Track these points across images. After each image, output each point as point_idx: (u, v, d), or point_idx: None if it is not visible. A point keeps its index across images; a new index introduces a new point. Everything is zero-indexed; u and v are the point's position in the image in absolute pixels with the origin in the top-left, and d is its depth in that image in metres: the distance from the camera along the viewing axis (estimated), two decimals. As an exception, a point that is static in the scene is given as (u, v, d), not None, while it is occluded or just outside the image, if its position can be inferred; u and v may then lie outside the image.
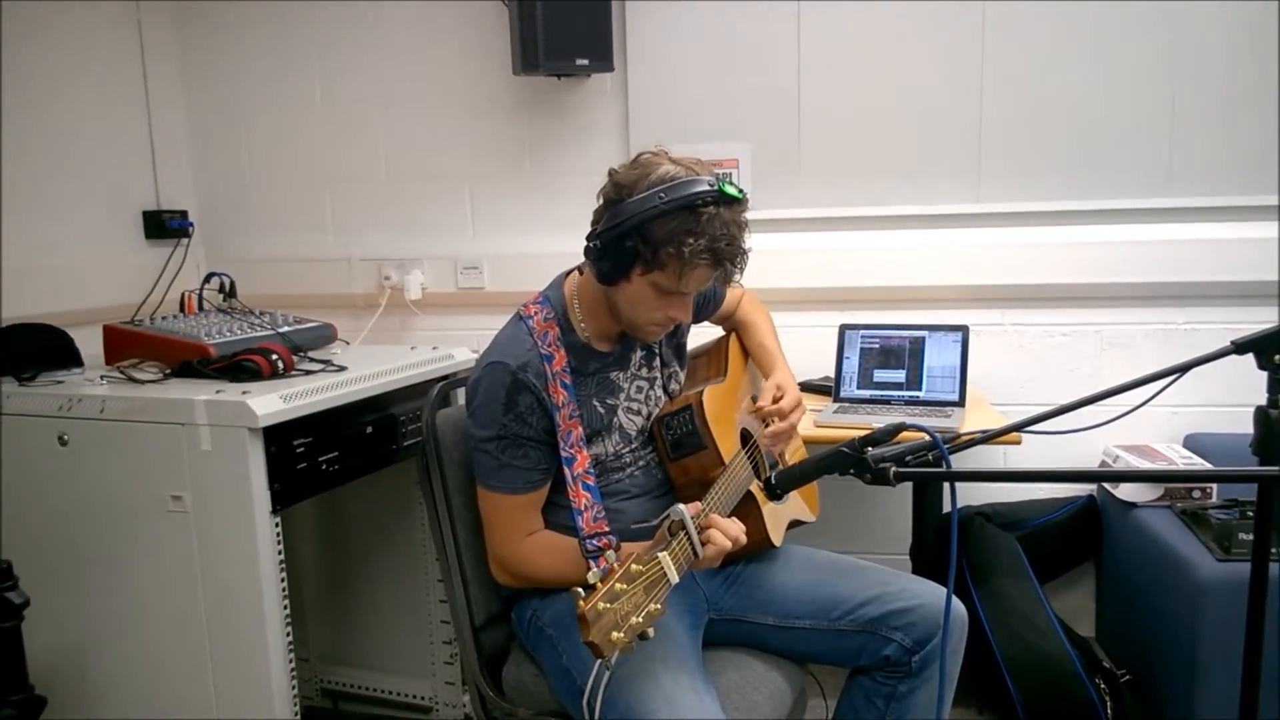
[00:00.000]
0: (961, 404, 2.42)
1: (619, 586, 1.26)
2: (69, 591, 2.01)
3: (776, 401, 1.87)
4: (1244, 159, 2.55)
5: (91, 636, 2.02)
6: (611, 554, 1.31)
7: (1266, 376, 1.35)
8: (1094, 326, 2.71)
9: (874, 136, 2.73)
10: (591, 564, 1.53)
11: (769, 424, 1.88)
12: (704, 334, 2.13)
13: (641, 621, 1.26)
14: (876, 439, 1.32)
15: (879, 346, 2.53)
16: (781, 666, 1.78)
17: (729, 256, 1.57)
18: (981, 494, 2.74)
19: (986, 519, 2.60)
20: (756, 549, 1.80)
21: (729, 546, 1.48)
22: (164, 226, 3.04)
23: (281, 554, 1.89)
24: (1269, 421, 1.35)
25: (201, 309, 2.47)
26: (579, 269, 1.75)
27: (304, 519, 2.70)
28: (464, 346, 2.44)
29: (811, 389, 2.63)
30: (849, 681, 1.81)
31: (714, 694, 1.53)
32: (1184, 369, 1.39)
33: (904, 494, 2.63)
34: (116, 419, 1.91)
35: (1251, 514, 2.15)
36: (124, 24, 2.95)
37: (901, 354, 2.51)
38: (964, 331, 2.47)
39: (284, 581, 1.90)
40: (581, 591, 1.22)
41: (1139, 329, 2.69)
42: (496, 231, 3.01)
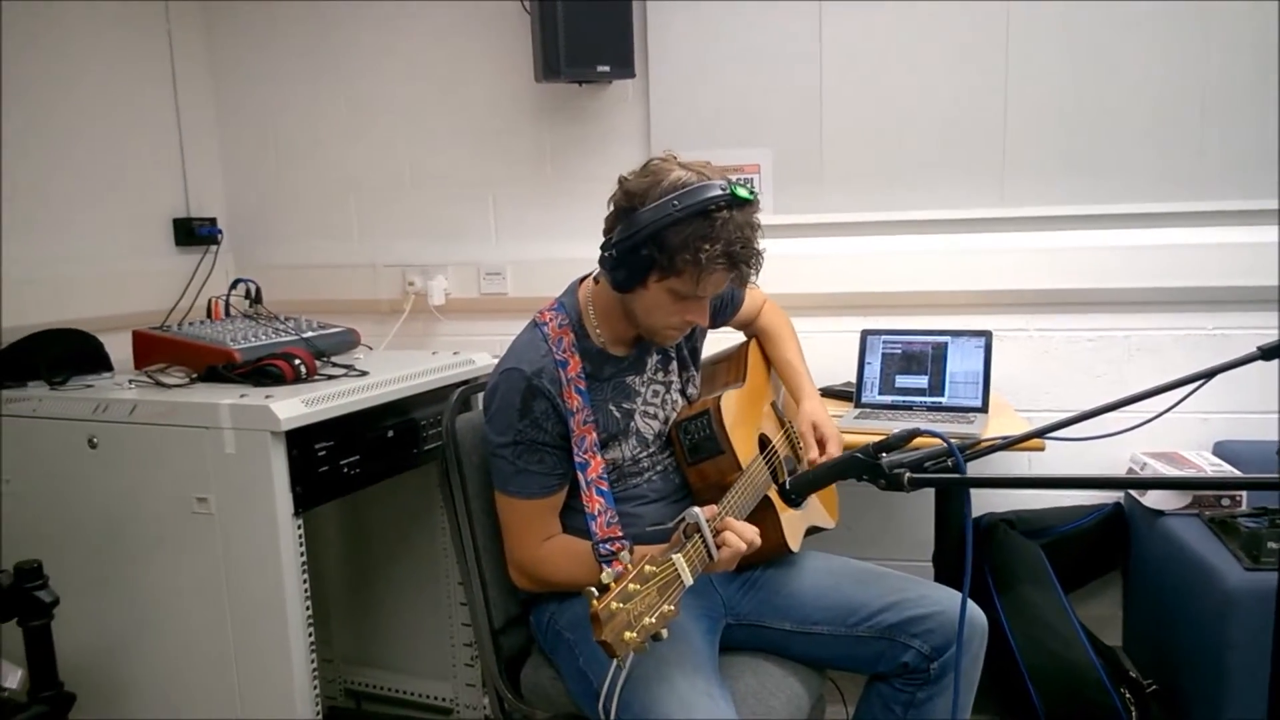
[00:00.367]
0: (984, 410, 2.40)
1: (632, 587, 1.26)
2: (97, 591, 2.04)
3: (820, 442, 1.86)
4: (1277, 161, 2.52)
5: (119, 635, 2.05)
6: (626, 555, 1.31)
7: (1297, 383, 1.33)
8: (1121, 332, 2.68)
9: (896, 141, 2.72)
10: (605, 568, 1.53)
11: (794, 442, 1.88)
12: (725, 339, 2.14)
13: (654, 622, 1.27)
14: (891, 444, 1.32)
15: (901, 352, 2.52)
16: (799, 672, 1.78)
17: (744, 259, 1.57)
18: (1006, 501, 2.71)
19: (1010, 526, 2.57)
20: (774, 554, 1.80)
21: (744, 549, 1.48)
22: (193, 234, 3.08)
23: (304, 556, 1.91)
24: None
25: (228, 315, 2.51)
26: (594, 276, 1.75)
27: (328, 521, 2.73)
28: (485, 352, 2.46)
29: (833, 394, 2.62)
30: (867, 688, 1.81)
31: (729, 698, 1.53)
32: (1209, 375, 1.38)
33: (926, 500, 2.61)
34: (145, 422, 1.94)
35: (1280, 522, 2.12)
36: (154, 36, 3.00)
37: (924, 359, 2.50)
38: (987, 337, 2.45)
39: (306, 583, 1.92)
40: (595, 591, 1.23)
41: (1167, 334, 2.65)
42: (519, 238, 3.03)
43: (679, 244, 1.54)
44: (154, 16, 3.00)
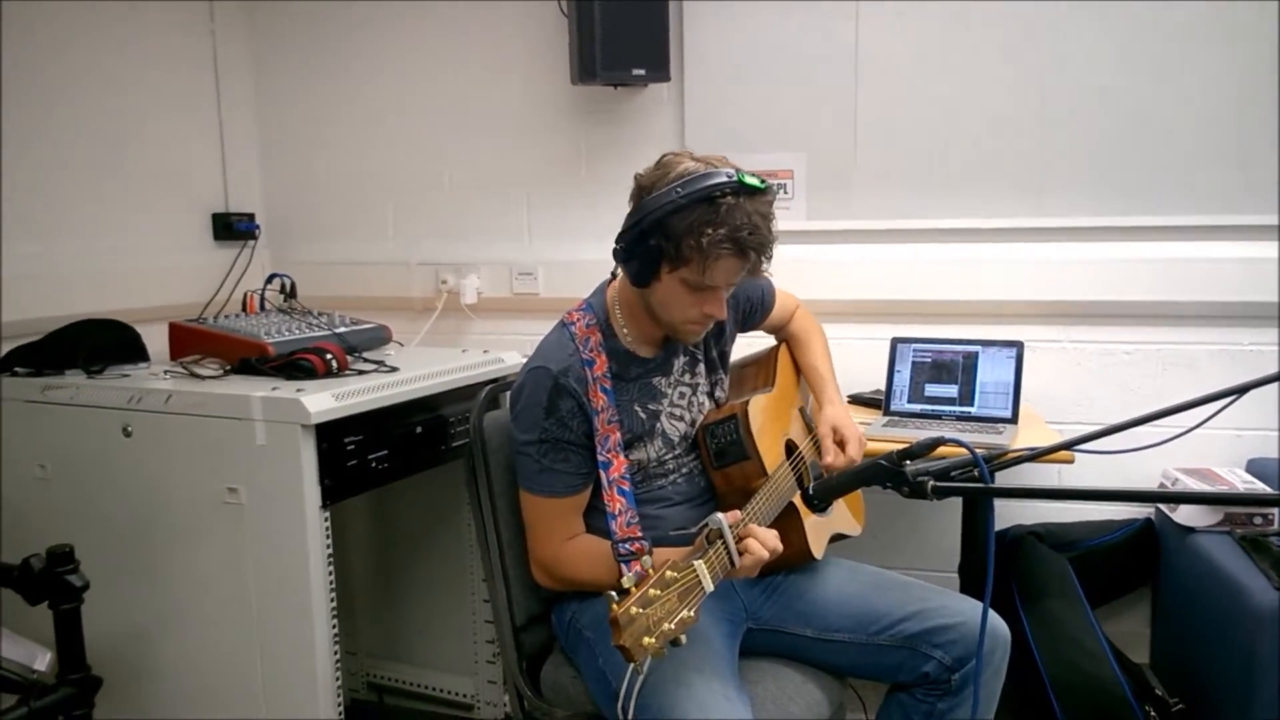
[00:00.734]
0: (1014, 421, 2.38)
1: (653, 592, 1.27)
2: (127, 577, 2.07)
3: (839, 444, 1.85)
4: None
5: (147, 621, 2.09)
6: (647, 559, 1.32)
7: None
8: (1156, 346, 2.65)
9: (931, 148, 2.70)
10: (623, 568, 1.54)
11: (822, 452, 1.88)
12: (756, 343, 2.14)
13: (674, 628, 1.27)
14: (915, 452, 1.32)
15: (931, 361, 2.50)
16: (819, 679, 1.77)
17: (752, 245, 1.55)
18: (1036, 513, 2.69)
19: (1038, 538, 2.55)
20: (797, 561, 1.79)
21: (766, 557, 1.48)
22: (232, 228, 3.13)
23: (330, 548, 1.93)
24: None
25: (263, 309, 2.54)
26: (615, 273, 1.76)
27: (356, 515, 2.75)
28: (515, 351, 2.48)
29: (862, 402, 2.61)
30: (888, 697, 1.80)
31: (747, 701, 1.53)
32: (1242, 390, 1.35)
33: (954, 510, 2.60)
34: (178, 412, 1.97)
35: (1314, 542, 2.09)
36: (199, 36, 3.06)
37: (954, 369, 2.48)
38: (1018, 347, 2.44)
39: (332, 575, 1.94)
40: (615, 596, 1.24)
41: (1203, 349, 2.62)
42: (552, 238, 3.04)
43: (684, 230, 1.54)
44: (199, 17, 3.05)
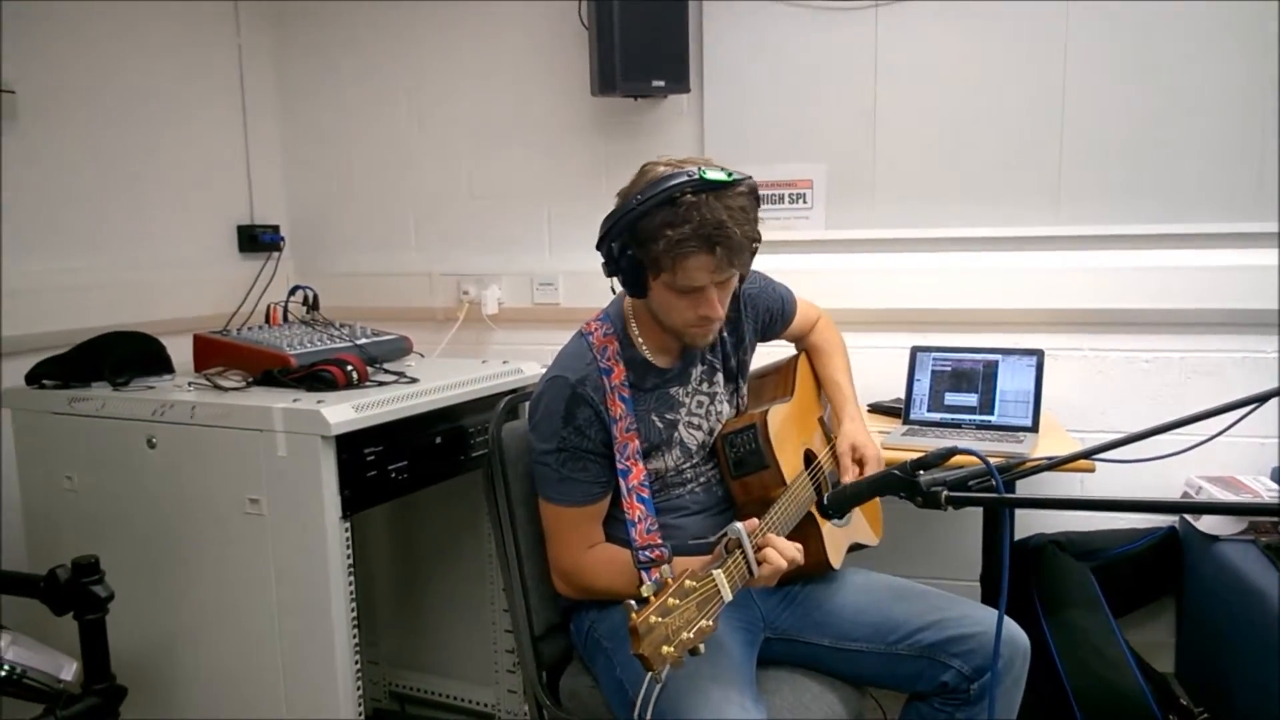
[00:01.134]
0: (1034, 429, 2.37)
1: (672, 601, 1.27)
2: (151, 587, 2.09)
3: (858, 462, 1.86)
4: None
5: (170, 631, 2.11)
6: (666, 568, 1.32)
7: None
8: (1179, 354, 2.63)
9: (951, 157, 2.70)
10: (644, 576, 1.54)
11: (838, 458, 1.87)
12: (777, 351, 2.14)
13: (692, 637, 1.27)
14: (928, 462, 1.31)
15: (951, 369, 2.50)
16: (838, 688, 1.77)
17: (719, 240, 1.54)
18: (1058, 521, 2.67)
19: (1060, 547, 2.53)
20: (816, 571, 1.79)
21: (784, 566, 1.48)
22: (257, 240, 3.17)
23: (350, 558, 1.94)
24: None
25: (286, 320, 2.56)
26: None
27: (379, 526, 2.77)
28: (535, 361, 2.49)
29: (881, 410, 2.61)
30: (907, 707, 1.79)
31: (764, 711, 1.53)
32: (1264, 398, 1.34)
33: (975, 520, 2.59)
34: (201, 424, 1.99)
35: (1339, 551, 2.07)
36: (225, 50, 3.10)
37: (974, 377, 2.47)
38: (1039, 356, 2.42)
39: (352, 585, 1.95)
40: (634, 604, 1.24)
41: (1226, 357, 2.60)
42: (572, 249, 3.06)
43: (649, 235, 1.55)
44: (225, 31, 3.10)
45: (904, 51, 2.70)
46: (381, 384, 2.15)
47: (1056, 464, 1.45)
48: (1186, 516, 2.52)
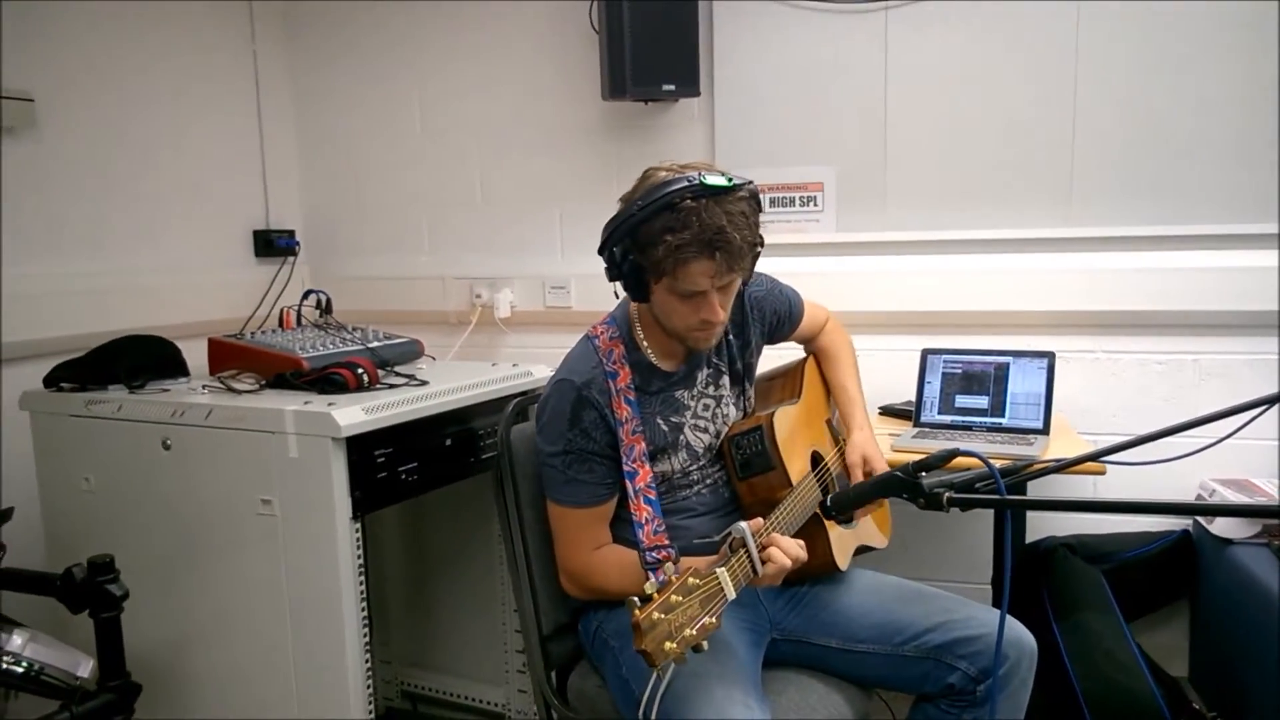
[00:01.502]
0: (1045, 432, 2.36)
1: (675, 599, 1.28)
2: (165, 587, 2.12)
3: (868, 475, 1.86)
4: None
5: (184, 629, 2.13)
6: (670, 566, 1.33)
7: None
8: (1192, 356, 2.61)
9: (961, 159, 2.69)
10: (651, 576, 1.55)
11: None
12: (786, 353, 2.15)
13: (695, 634, 1.28)
14: (930, 464, 1.32)
15: (961, 372, 2.49)
16: (844, 690, 1.77)
17: (719, 245, 1.55)
18: (1070, 524, 2.65)
19: (1071, 550, 2.52)
20: (822, 572, 1.80)
21: (788, 566, 1.48)
22: (272, 245, 3.21)
23: (361, 558, 1.96)
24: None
25: (299, 324, 2.59)
26: None
27: (391, 526, 2.79)
28: (543, 364, 2.51)
29: (892, 413, 2.61)
30: (913, 708, 1.80)
31: (768, 711, 1.53)
32: (1274, 400, 1.34)
33: (986, 523, 2.59)
34: (215, 426, 2.02)
35: (1354, 554, 2.05)
36: (240, 55, 3.14)
37: (985, 380, 2.47)
38: (1050, 358, 2.42)
39: (363, 585, 1.97)
40: (637, 601, 1.25)
41: (1239, 358, 2.57)
42: (584, 252, 3.07)
43: (650, 240, 1.56)
44: (240, 37, 3.13)
45: (914, 54, 2.70)
46: (392, 386, 2.17)
47: (1063, 466, 1.46)
48: (1200, 520, 2.50)
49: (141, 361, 2.28)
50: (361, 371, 2.12)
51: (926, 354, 2.54)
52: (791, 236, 2.82)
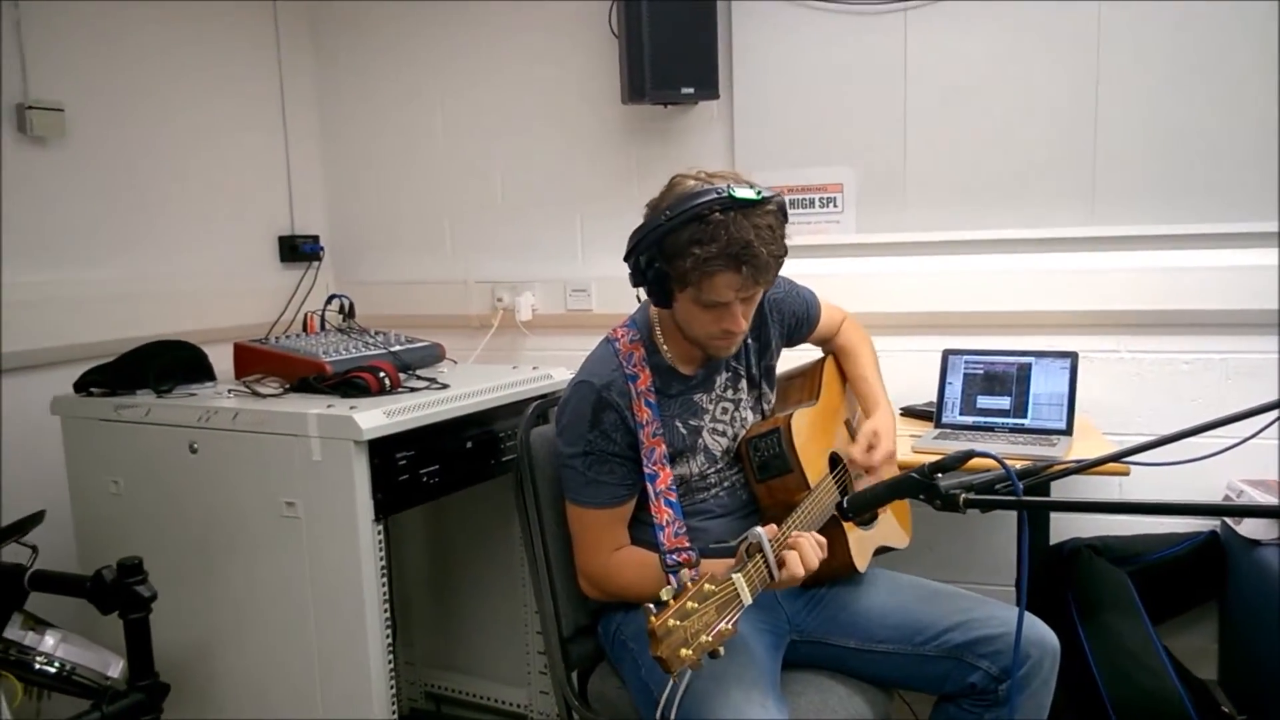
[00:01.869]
0: (1068, 433, 2.34)
1: (690, 605, 1.29)
2: (193, 588, 2.15)
3: (870, 450, 1.85)
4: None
5: (211, 630, 2.16)
6: (686, 571, 1.34)
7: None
8: (1220, 355, 2.59)
9: (982, 159, 2.69)
10: (671, 579, 1.56)
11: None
12: (804, 355, 2.14)
13: (711, 640, 1.28)
14: (946, 465, 1.31)
15: (983, 372, 2.48)
16: (865, 691, 1.77)
17: (746, 259, 1.55)
18: (1097, 526, 2.63)
19: (1096, 552, 2.50)
20: (841, 574, 1.80)
21: (802, 573, 1.48)
22: (297, 250, 3.24)
23: (384, 560, 1.98)
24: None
25: (323, 328, 2.61)
26: None
27: (414, 528, 2.81)
28: (564, 367, 2.52)
29: (914, 414, 2.60)
30: (935, 708, 1.79)
31: (785, 711, 1.54)
32: (1295, 399, 1.33)
33: (1010, 525, 2.57)
34: (240, 430, 2.05)
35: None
36: (265, 63, 3.18)
37: (1007, 380, 2.45)
38: (1072, 358, 2.40)
39: (385, 587, 1.99)
40: (653, 607, 1.26)
41: (1270, 358, 2.54)
42: (604, 255, 3.08)
43: (677, 251, 1.56)
44: (266, 44, 3.17)
45: (933, 54, 2.69)
46: (413, 390, 2.19)
47: (1084, 468, 1.44)
48: (1228, 521, 2.48)
49: (169, 366, 2.31)
50: (383, 375, 2.14)
51: (948, 354, 2.53)
52: (811, 238, 2.82)
